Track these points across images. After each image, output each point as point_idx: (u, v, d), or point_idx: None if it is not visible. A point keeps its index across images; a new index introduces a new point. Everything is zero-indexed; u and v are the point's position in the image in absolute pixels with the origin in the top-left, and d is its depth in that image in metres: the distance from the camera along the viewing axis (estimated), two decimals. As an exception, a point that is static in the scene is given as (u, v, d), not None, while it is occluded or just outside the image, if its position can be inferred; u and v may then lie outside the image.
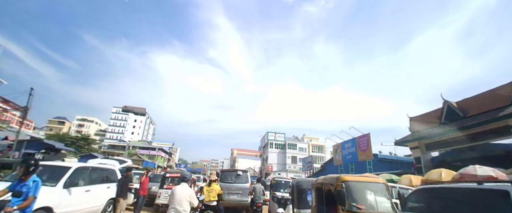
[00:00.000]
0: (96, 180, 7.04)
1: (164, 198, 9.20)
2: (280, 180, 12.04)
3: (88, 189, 6.49)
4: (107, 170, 7.67)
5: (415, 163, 17.77)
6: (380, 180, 4.89)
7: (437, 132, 16.46)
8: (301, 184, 7.57)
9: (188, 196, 4.63)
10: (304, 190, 7.45)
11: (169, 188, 9.42)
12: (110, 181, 7.55)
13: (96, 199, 6.80)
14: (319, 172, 38.58)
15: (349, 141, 25.09)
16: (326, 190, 4.86)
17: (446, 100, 16.79)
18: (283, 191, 10.72)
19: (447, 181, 6.71)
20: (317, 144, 70.37)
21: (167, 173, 10.29)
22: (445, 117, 16.77)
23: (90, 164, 7.62)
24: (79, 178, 6.33)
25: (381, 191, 4.61)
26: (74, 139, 58.06)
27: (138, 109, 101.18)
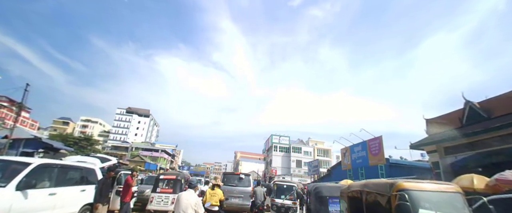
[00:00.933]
0: (67, 181, 5.86)
1: (157, 204, 8.06)
2: (281, 184, 10.56)
3: (53, 192, 5.27)
4: (83, 169, 6.40)
5: (434, 168, 16.29)
6: (454, 187, 3.39)
7: (458, 134, 15.03)
8: (321, 190, 6.43)
9: (194, 203, 4.46)
10: (324, 198, 6.33)
11: (164, 191, 8.33)
12: (88, 182, 6.35)
13: (65, 205, 5.55)
14: (325, 177, 37.09)
15: (359, 144, 23.66)
16: (370, 201, 3.52)
17: (468, 100, 15.38)
18: (284, 197, 9.53)
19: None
20: (323, 148, 68.69)
21: (161, 175, 9.08)
22: (467, 118, 15.35)
23: (58, 161, 6.34)
24: (42, 178, 5.18)
25: (457, 203, 3.12)
26: (77, 139, 57.64)
27: (142, 111, 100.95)
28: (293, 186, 9.96)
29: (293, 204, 9.24)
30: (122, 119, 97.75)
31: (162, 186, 8.53)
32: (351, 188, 4.08)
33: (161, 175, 9.19)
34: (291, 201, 9.39)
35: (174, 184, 8.54)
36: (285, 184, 10.51)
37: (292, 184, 10.24)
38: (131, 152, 70.45)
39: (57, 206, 5.37)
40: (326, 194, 6.33)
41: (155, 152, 74.38)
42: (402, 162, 24.75)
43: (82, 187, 6.15)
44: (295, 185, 9.96)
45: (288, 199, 9.46)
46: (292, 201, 9.39)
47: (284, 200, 9.34)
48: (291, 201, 9.38)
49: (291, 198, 9.55)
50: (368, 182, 3.83)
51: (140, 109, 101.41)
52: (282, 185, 10.50)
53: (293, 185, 10.11)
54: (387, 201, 2.99)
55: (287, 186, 10.21)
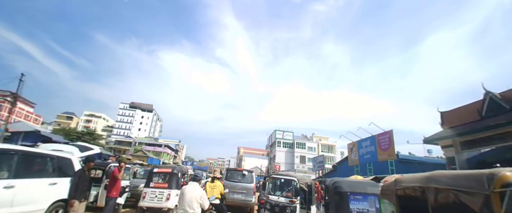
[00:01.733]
0: (31, 172, 4.90)
1: (150, 200, 7.28)
2: (277, 178, 9.04)
3: (9, 185, 4.30)
4: (56, 159, 5.33)
5: (449, 164, 15.36)
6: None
7: (477, 127, 14.07)
8: (341, 185, 5.78)
9: (199, 197, 4.35)
10: (344, 194, 5.67)
11: (158, 186, 7.54)
12: (62, 175, 5.34)
13: (27, 201, 4.59)
14: (330, 173, 36.29)
15: (368, 139, 22.75)
16: (442, 202, 2.47)
17: (488, 91, 14.35)
18: (281, 194, 8.07)
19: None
20: (327, 143, 67.79)
21: (155, 168, 8.18)
22: (487, 110, 14.34)
23: (20, 147, 5.22)
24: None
25: None
26: (80, 134, 57.47)
27: (145, 106, 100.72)
28: (293, 180, 8.35)
29: (291, 202, 7.66)
30: (125, 114, 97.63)
31: (156, 181, 7.75)
32: (402, 183, 3.00)
33: (155, 168, 8.29)
34: (289, 199, 7.80)
35: (170, 178, 7.72)
36: (282, 178, 8.87)
37: (290, 178, 8.56)
38: (134, 147, 70.24)
39: (15, 203, 4.38)
40: (346, 189, 5.68)
41: (158, 147, 74.15)
42: (412, 157, 23.83)
43: (53, 180, 5.13)
44: (295, 179, 8.35)
45: (285, 196, 7.95)
46: (290, 198, 7.82)
47: (280, 197, 7.89)
48: (288, 199, 7.80)
49: (288, 195, 7.97)
50: (436, 174, 2.74)
51: (143, 104, 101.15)
52: (278, 179, 9.03)
53: (292, 179, 8.45)
54: (484, 202, 1.93)
55: (285, 181, 8.69)
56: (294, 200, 7.82)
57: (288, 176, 9.02)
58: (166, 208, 7.18)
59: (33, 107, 77.45)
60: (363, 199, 5.75)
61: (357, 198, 5.75)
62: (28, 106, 74.50)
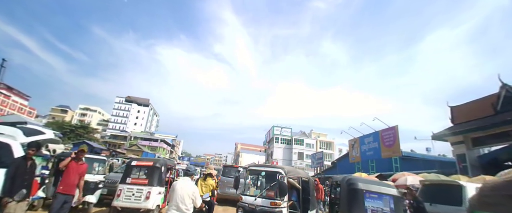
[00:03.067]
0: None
1: (126, 199, 6.06)
2: (257, 170, 6.84)
3: None
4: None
5: (460, 161, 14.38)
6: None
7: (492, 122, 13.07)
8: (356, 182, 5.28)
9: (191, 192, 4.00)
10: (360, 191, 5.28)
11: (136, 182, 6.36)
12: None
13: None
14: (329, 170, 35.46)
15: (371, 135, 21.75)
16: None
17: (505, 84, 13.35)
18: (260, 193, 6.01)
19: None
20: (325, 140, 66.93)
21: (134, 161, 6.89)
22: (503, 104, 13.34)
23: None
24: None
25: None
26: (73, 127, 56.14)
27: (141, 100, 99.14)
28: (278, 173, 6.02)
29: (273, 205, 5.53)
30: (121, 108, 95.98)
31: (134, 176, 6.53)
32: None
33: (133, 161, 6.95)
34: (270, 200, 5.64)
35: (151, 173, 6.49)
36: (263, 171, 6.61)
37: (274, 171, 6.17)
38: (130, 142, 69.03)
39: None
40: (362, 187, 5.27)
41: (154, 142, 72.99)
42: (417, 155, 22.89)
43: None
44: (281, 171, 5.99)
45: (266, 196, 5.80)
46: (272, 199, 5.65)
47: (258, 198, 5.75)
48: (270, 200, 5.64)
49: (270, 195, 5.82)
50: None
51: (139, 98, 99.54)
52: (257, 172, 6.78)
53: (276, 171, 6.10)
54: None
55: (267, 174, 6.47)
56: (278, 201, 5.51)
57: (272, 167, 6.53)
58: (145, 208, 6.02)
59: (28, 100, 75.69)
60: (378, 198, 5.44)
61: (372, 196, 5.42)
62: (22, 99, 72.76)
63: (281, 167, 6.18)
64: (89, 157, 7.07)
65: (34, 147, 4.02)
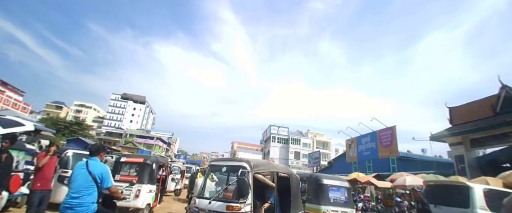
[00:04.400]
0: None
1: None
2: (219, 165, 5.30)
3: None
4: None
5: (458, 163, 14.25)
6: None
7: (490, 124, 12.95)
8: (321, 178, 6.87)
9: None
10: (325, 186, 6.95)
11: (125, 179, 6.04)
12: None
13: None
14: (326, 169, 35.34)
15: (368, 135, 21.61)
16: None
17: (505, 85, 13.21)
18: (217, 194, 4.61)
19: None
20: (322, 140, 66.96)
21: (123, 157, 6.53)
22: (502, 105, 13.21)
23: None
24: None
25: None
26: (68, 123, 55.24)
27: (137, 97, 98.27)
28: (240, 167, 4.49)
29: (230, 209, 4.16)
30: (117, 105, 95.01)
31: (124, 173, 6.21)
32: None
33: (122, 157, 6.59)
34: (227, 203, 4.23)
35: (141, 170, 6.16)
36: (224, 166, 5.07)
37: (237, 165, 4.69)
38: (125, 139, 68.35)
39: None
40: (326, 182, 6.90)
41: (150, 140, 72.35)
42: (413, 155, 22.82)
43: None
44: (246, 165, 4.57)
45: (223, 199, 4.44)
46: (230, 202, 4.27)
47: (212, 200, 4.36)
48: (227, 203, 4.26)
49: (228, 196, 4.55)
50: None
51: (135, 95, 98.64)
52: (219, 168, 5.24)
53: (238, 165, 4.61)
54: None
55: (229, 170, 5.00)
56: (235, 205, 4.12)
57: (234, 161, 5.09)
58: (134, 207, 5.70)
59: (22, 95, 74.70)
60: (337, 190, 7.30)
61: (333, 189, 7.19)
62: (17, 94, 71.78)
63: (247, 160, 4.72)
64: (78, 153, 6.71)
65: (9, 139, 3.70)
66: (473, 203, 5.44)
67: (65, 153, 6.15)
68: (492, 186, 6.82)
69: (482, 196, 5.71)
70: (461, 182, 6.62)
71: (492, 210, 5.50)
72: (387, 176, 15.73)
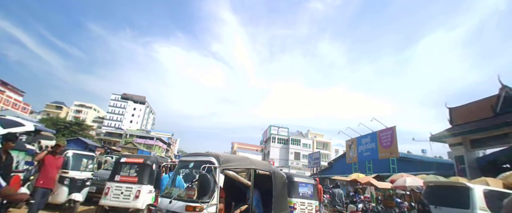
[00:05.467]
0: None
1: (114, 198, 5.70)
2: (187, 160, 4.73)
3: None
4: None
5: (458, 163, 14.24)
6: None
7: (491, 125, 12.95)
8: (293, 177, 8.34)
9: None
10: (296, 182, 8.34)
11: (125, 180, 6.03)
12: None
13: None
14: (326, 170, 35.33)
15: (368, 135, 21.61)
16: None
17: (505, 85, 13.22)
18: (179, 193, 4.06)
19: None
20: (322, 140, 66.98)
21: (123, 158, 6.51)
22: (502, 106, 13.24)
23: None
24: None
25: None
26: (68, 123, 55.23)
27: (137, 97, 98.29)
28: (207, 162, 3.97)
29: (190, 209, 3.67)
30: (117, 106, 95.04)
31: (124, 173, 6.18)
32: None
33: (122, 157, 6.57)
34: (188, 203, 3.72)
35: (141, 170, 6.13)
36: (192, 162, 4.46)
37: (204, 160, 4.11)
38: (125, 139, 68.36)
39: None
40: (297, 180, 8.19)
41: (150, 140, 72.35)
42: (413, 156, 22.81)
43: None
44: (213, 160, 4.06)
45: (185, 198, 3.85)
46: (190, 201, 3.74)
47: (173, 199, 3.86)
48: (186, 202, 3.74)
49: (190, 195, 3.83)
50: None
51: (135, 95, 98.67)
52: (186, 163, 4.65)
53: (205, 160, 4.08)
54: None
55: (196, 166, 4.16)
56: (196, 205, 3.62)
57: (202, 156, 4.37)
58: (134, 208, 5.70)
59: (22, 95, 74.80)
60: (305, 186, 8.86)
61: (302, 185, 8.66)
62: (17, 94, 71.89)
63: (215, 155, 4.17)
64: (77, 153, 6.72)
65: (11, 139, 3.70)
66: (473, 204, 5.43)
67: (65, 153, 6.15)
68: (492, 187, 6.82)
69: (482, 197, 5.71)
70: (461, 183, 6.60)
71: (492, 211, 5.50)
72: (387, 177, 15.72)
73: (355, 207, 11.11)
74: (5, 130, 3.87)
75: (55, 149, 4.63)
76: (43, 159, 4.44)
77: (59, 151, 4.70)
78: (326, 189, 17.50)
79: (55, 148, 4.67)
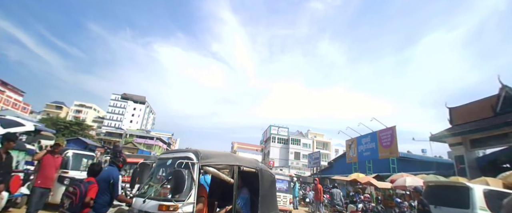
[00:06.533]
0: None
1: None
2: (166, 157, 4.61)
3: None
4: None
5: (458, 163, 14.25)
6: None
7: (492, 124, 12.96)
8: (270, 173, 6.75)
9: None
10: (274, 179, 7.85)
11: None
12: None
13: None
14: (326, 170, 35.35)
15: (368, 135, 21.62)
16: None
17: (505, 85, 13.23)
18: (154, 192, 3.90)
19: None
20: (322, 140, 67.04)
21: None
22: (502, 106, 13.24)
23: None
24: None
25: None
26: (68, 123, 55.27)
27: (137, 97, 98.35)
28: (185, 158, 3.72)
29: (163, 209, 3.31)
30: (117, 105, 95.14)
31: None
32: None
33: None
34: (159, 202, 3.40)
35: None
36: (170, 158, 4.19)
37: (182, 156, 3.86)
38: (125, 139, 68.39)
39: None
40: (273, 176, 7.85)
41: (150, 140, 72.42)
42: (413, 156, 22.82)
43: None
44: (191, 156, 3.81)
45: (159, 197, 3.61)
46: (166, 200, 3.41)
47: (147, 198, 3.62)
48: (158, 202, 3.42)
49: (163, 193, 3.65)
50: None
51: (135, 95, 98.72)
52: (164, 161, 4.39)
53: (183, 156, 3.84)
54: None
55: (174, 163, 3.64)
56: (170, 204, 3.33)
57: (181, 152, 4.13)
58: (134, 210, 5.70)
59: (22, 95, 74.87)
60: (281, 182, 10.48)
61: (278, 180, 9.50)
62: (17, 94, 71.96)
63: (194, 151, 3.91)
64: (77, 153, 6.72)
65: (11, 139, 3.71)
66: (473, 204, 5.43)
67: (65, 153, 6.15)
68: (492, 186, 6.82)
69: (482, 197, 5.72)
70: (461, 183, 6.60)
71: (492, 210, 5.51)
72: (387, 177, 15.73)
73: (355, 207, 11.12)
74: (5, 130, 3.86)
75: (54, 149, 4.62)
76: (42, 158, 4.44)
77: (58, 151, 4.69)
78: (326, 189, 17.54)
79: (54, 147, 4.66)
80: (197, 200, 3.52)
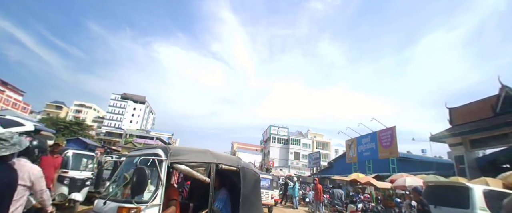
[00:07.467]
0: None
1: None
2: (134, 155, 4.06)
3: None
4: None
5: (458, 163, 14.25)
6: None
7: (490, 125, 12.96)
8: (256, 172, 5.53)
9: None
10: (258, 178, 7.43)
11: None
12: None
13: None
14: (326, 170, 35.36)
15: (368, 135, 21.62)
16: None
17: (505, 85, 13.22)
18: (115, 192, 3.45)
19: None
20: (322, 140, 67.02)
21: (123, 157, 6.57)
22: (502, 106, 13.24)
23: None
24: None
25: None
26: (68, 123, 55.28)
27: (137, 97, 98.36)
28: (153, 155, 3.27)
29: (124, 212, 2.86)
30: (117, 105, 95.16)
31: None
32: None
33: (122, 157, 6.59)
34: (119, 204, 2.96)
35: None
36: (137, 156, 3.74)
37: (150, 153, 3.39)
38: (125, 139, 68.39)
39: None
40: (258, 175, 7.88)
41: (150, 140, 72.27)
42: (413, 156, 22.82)
43: None
44: (159, 152, 3.32)
45: (119, 199, 3.14)
46: (125, 202, 2.97)
47: (108, 199, 3.16)
48: (117, 204, 2.98)
49: (126, 194, 3.17)
50: None
51: (135, 95, 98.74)
52: (132, 158, 4.00)
53: (151, 153, 3.36)
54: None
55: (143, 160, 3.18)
56: (130, 206, 2.89)
57: (149, 149, 3.70)
58: None
59: (22, 95, 74.89)
60: (265, 180, 11.70)
61: (263, 179, 10.62)
62: (16, 94, 71.99)
63: (164, 147, 3.50)
64: (77, 152, 6.72)
65: None
66: (473, 204, 5.43)
67: (65, 153, 6.15)
68: (492, 187, 6.82)
69: (482, 197, 5.72)
70: (461, 183, 6.60)
71: (492, 211, 5.51)
72: (387, 177, 15.74)
73: (355, 207, 11.12)
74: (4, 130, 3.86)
75: (54, 149, 4.63)
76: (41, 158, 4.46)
77: (57, 151, 4.69)
78: (326, 189, 17.54)
79: (54, 147, 4.66)
80: (168, 203, 3.17)
